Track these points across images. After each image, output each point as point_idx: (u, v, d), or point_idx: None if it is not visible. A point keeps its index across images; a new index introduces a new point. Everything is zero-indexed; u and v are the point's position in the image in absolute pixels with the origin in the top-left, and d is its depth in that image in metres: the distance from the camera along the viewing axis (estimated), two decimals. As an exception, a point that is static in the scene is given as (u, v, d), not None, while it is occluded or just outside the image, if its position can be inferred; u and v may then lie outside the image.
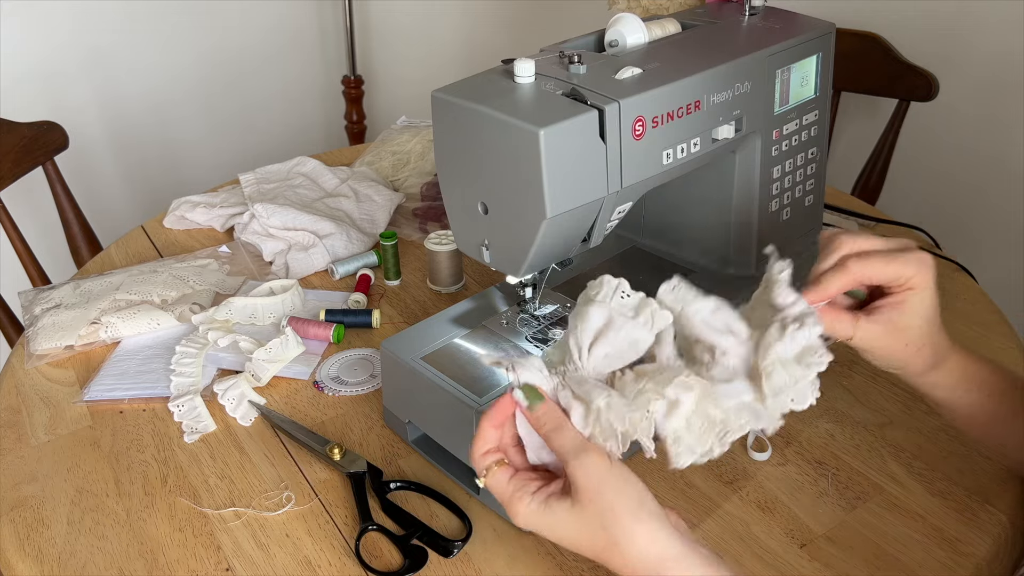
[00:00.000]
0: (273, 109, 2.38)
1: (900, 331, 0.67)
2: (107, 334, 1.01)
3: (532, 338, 0.84)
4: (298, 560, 0.74)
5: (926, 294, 0.67)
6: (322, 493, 0.81)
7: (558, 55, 0.76)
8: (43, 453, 0.87)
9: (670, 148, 0.76)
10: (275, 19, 2.29)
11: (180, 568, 0.74)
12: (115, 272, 1.13)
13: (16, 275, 1.50)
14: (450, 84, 0.74)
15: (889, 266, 0.65)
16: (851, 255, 0.66)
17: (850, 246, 0.67)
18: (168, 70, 2.16)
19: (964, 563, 0.72)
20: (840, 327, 0.67)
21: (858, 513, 0.77)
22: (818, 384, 0.61)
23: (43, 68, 1.98)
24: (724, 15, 0.91)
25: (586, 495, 0.59)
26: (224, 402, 0.92)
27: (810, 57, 0.88)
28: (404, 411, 0.85)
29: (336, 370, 0.98)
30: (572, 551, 0.63)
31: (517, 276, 0.77)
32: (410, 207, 1.29)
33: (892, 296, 0.67)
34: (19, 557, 0.76)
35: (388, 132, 1.50)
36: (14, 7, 1.89)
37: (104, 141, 2.12)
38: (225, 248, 1.21)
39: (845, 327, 0.67)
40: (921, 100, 1.48)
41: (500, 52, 1.03)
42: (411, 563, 0.73)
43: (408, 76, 2.51)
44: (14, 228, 1.40)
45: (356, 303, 1.08)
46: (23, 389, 0.97)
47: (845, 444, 0.85)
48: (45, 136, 1.44)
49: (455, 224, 0.79)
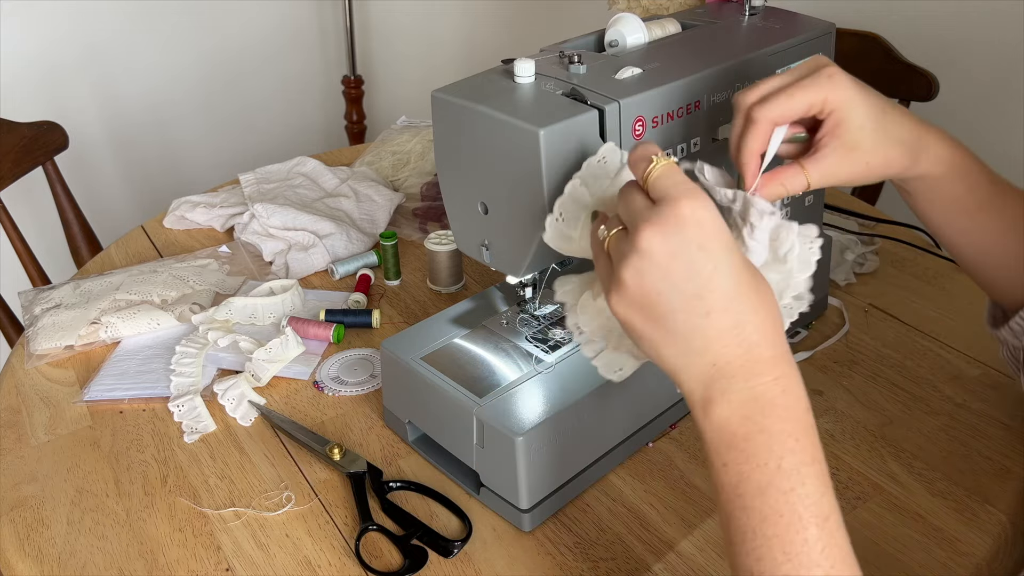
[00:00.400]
0: (273, 109, 2.38)
1: (851, 152, 0.62)
2: (107, 334, 1.02)
3: (532, 338, 0.84)
4: (298, 560, 0.74)
5: (852, 104, 0.61)
6: (322, 493, 0.81)
7: (558, 55, 0.76)
8: (43, 453, 0.87)
9: (670, 148, 0.76)
10: (275, 19, 2.29)
11: (180, 568, 0.74)
12: (115, 272, 1.13)
13: (16, 275, 1.50)
14: (450, 84, 0.74)
15: (793, 100, 0.60)
16: (753, 104, 0.61)
17: (748, 97, 0.62)
18: (168, 70, 2.16)
19: (964, 563, 0.72)
20: (790, 182, 0.62)
21: (858, 513, 0.77)
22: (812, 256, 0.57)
23: (43, 69, 1.98)
24: (724, 15, 0.91)
25: (706, 228, 0.51)
26: (224, 402, 0.92)
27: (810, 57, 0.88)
28: (404, 411, 0.85)
29: (336, 370, 0.98)
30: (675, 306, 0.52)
31: (517, 276, 0.77)
32: (410, 207, 1.29)
33: (823, 125, 0.62)
34: (19, 557, 0.76)
35: (388, 132, 1.50)
36: (14, 7, 1.89)
37: (104, 141, 2.12)
38: (225, 248, 1.21)
39: (795, 180, 0.62)
40: (921, 100, 1.48)
41: (500, 52, 1.03)
42: (411, 563, 0.73)
43: (408, 76, 2.51)
44: (14, 228, 1.40)
45: (356, 303, 1.08)
46: (23, 389, 0.97)
47: (845, 444, 0.85)
48: (45, 136, 1.44)
49: (455, 224, 0.79)
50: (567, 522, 0.77)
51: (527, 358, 0.82)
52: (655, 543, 0.75)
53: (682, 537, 0.75)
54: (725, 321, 0.52)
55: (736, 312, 0.52)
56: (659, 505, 0.79)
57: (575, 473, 0.79)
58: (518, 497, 0.75)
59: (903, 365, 0.95)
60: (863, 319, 1.03)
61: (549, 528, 0.77)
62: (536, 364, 0.81)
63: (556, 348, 0.83)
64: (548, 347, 0.83)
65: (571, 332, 0.66)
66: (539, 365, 0.81)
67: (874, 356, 0.97)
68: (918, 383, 0.93)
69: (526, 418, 0.74)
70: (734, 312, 0.52)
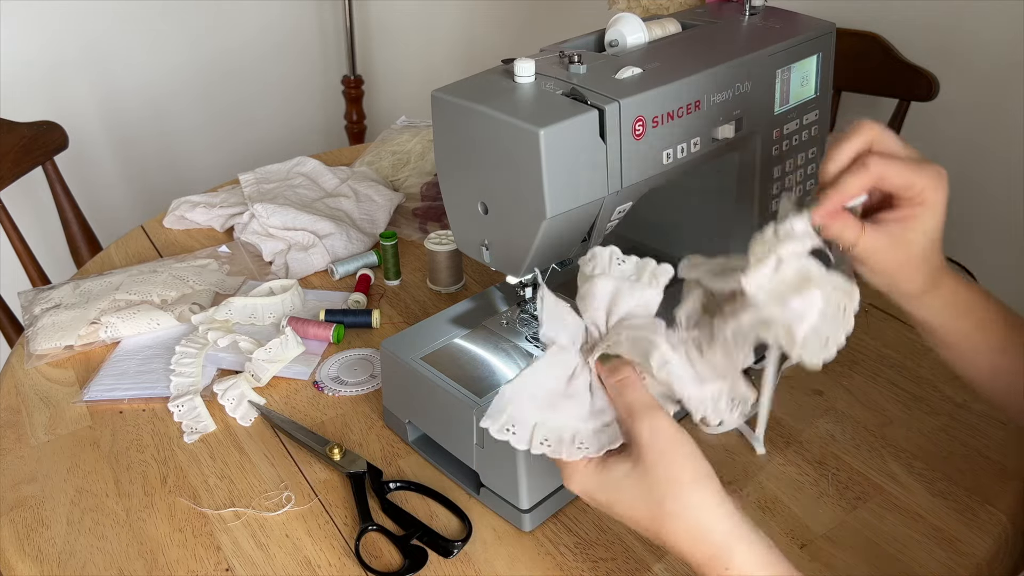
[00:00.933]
0: (273, 109, 2.37)
1: (904, 245, 0.63)
2: (107, 334, 1.01)
3: (532, 338, 0.84)
4: (298, 560, 0.74)
5: (937, 210, 0.62)
6: (322, 493, 0.81)
7: (558, 55, 0.76)
8: (43, 453, 0.87)
9: (670, 148, 0.76)
10: (275, 19, 2.29)
11: (180, 568, 0.74)
12: (115, 272, 1.13)
13: (16, 275, 1.50)
14: (450, 84, 0.74)
15: (908, 171, 0.61)
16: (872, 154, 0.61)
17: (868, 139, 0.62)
18: (169, 70, 2.16)
19: (964, 563, 0.72)
20: (847, 232, 0.62)
21: (858, 513, 0.77)
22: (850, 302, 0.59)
23: (42, 69, 1.98)
24: (724, 15, 0.91)
25: (650, 456, 0.57)
26: (224, 402, 0.92)
27: (810, 57, 0.88)
28: (404, 411, 0.85)
29: (336, 370, 0.98)
30: (623, 521, 0.61)
31: (517, 276, 0.77)
32: (410, 207, 1.29)
33: (901, 208, 0.63)
34: (19, 557, 0.76)
35: (388, 132, 1.50)
36: (13, 7, 1.89)
37: (104, 141, 2.12)
38: (225, 248, 1.21)
39: (851, 232, 0.62)
40: (921, 100, 1.48)
41: (500, 52, 1.03)
42: (411, 563, 0.73)
43: (408, 76, 2.51)
44: (14, 228, 1.40)
45: (356, 303, 1.08)
46: (23, 389, 0.96)
47: (845, 444, 0.85)
48: (45, 136, 1.44)
49: (455, 224, 0.79)
50: (567, 522, 0.77)
51: (527, 358, 0.82)
52: (655, 543, 0.75)
53: (682, 537, 0.75)
54: (667, 540, 0.58)
55: (665, 534, 0.58)
56: (659, 505, 0.79)
57: (575, 473, 0.78)
58: (518, 497, 0.75)
59: (903, 365, 0.95)
60: (863, 319, 1.02)
61: (549, 528, 0.77)
62: None
63: (556, 348, 0.83)
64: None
65: None
66: None
67: (874, 356, 0.97)
68: (918, 383, 0.92)
69: (526, 418, 0.74)
70: (664, 534, 0.58)
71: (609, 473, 0.59)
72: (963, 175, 1.62)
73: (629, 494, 0.58)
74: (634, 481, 0.58)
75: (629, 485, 0.58)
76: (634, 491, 0.58)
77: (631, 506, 0.58)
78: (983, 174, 1.58)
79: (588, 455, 0.61)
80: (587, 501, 0.61)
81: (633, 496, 0.58)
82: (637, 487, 0.58)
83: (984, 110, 1.55)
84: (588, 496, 0.60)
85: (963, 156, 1.60)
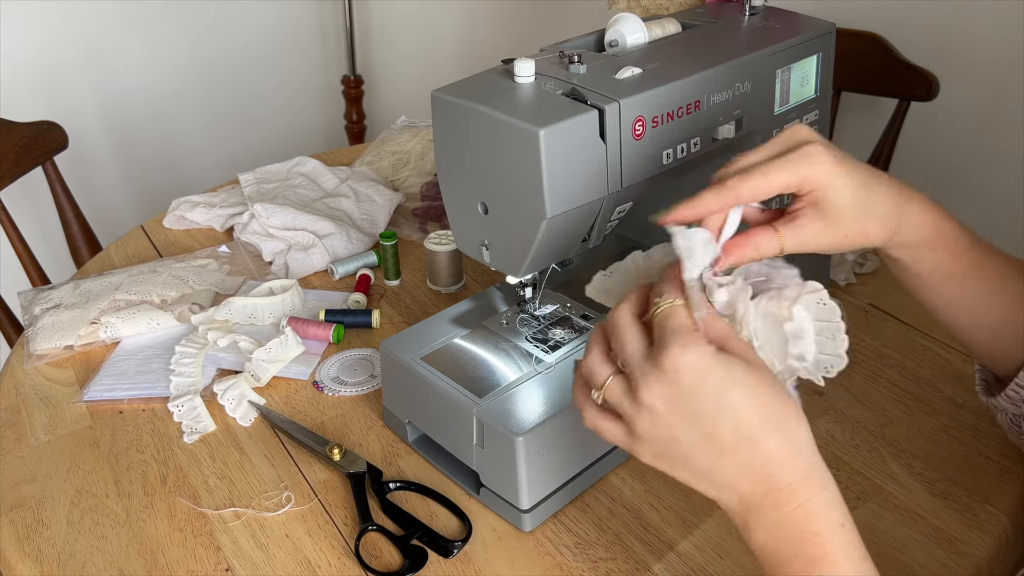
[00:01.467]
0: (273, 109, 2.38)
1: (830, 226, 0.61)
2: (107, 334, 1.01)
3: (532, 338, 0.84)
4: (298, 560, 0.74)
5: (834, 187, 0.60)
6: (322, 493, 0.81)
7: (558, 55, 0.76)
8: (43, 453, 0.87)
9: (670, 148, 0.76)
10: (275, 18, 2.29)
11: (180, 568, 0.74)
12: (115, 272, 1.13)
13: (16, 275, 1.50)
14: (450, 84, 0.74)
15: (768, 179, 0.58)
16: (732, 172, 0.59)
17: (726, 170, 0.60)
18: (168, 70, 2.16)
19: (964, 563, 0.72)
20: (764, 246, 0.60)
21: (858, 513, 0.77)
22: (797, 316, 0.57)
23: (42, 69, 1.98)
24: (724, 15, 0.91)
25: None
26: (224, 402, 0.92)
27: (810, 57, 0.88)
28: (404, 411, 0.85)
29: (336, 370, 0.98)
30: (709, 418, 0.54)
31: (517, 276, 0.77)
32: (410, 207, 1.29)
33: (803, 197, 0.61)
34: (19, 557, 0.76)
35: (388, 132, 1.50)
36: (13, 7, 1.89)
37: (104, 141, 2.12)
38: (225, 248, 1.21)
39: (769, 244, 0.60)
40: (921, 100, 1.48)
41: (500, 52, 1.03)
42: (411, 563, 0.73)
43: (408, 76, 2.51)
44: (14, 228, 1.40)
45: (356, 303, 1.08)
46: (23, 389, 0.96)
47: (845, 444, 0.85)
48: (45, 136, 1.44)
49: (455, 224, 0.79)
50: (567, 522, 0.77)
51: (527, 358, 0.82)
52: (655, 543, 0.75)
53: (682, 537, 0.75)
54: (739, 458, 0.54)
55: (746, 448, 0.53)
56: (659, 505, 0.79)
57: (575, 473, 0.78)
58: (518, 497, 0.75)
59: (903, 365, 0.95)
60: (863, 319, 1.03)
61: (549, 528, 0.77)
62: (536, 364, 0.81)
63: (556, 348, 0.83)
64: (548, 347, 0.83)
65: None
66: (539, 365, 0.81)
67: (874, 356, 0.97)
68: (918, 383, 0.93)
69: (526, 418, 0.74)
70: (744, 448, 0.53)
71: (729, 357, 0.54)
72: (963, 175, 1.62)
73: (748, 388, 0.53)
74: (758, 379, 0.54)
75: (752, 380, 0.54)
76: (755, 388, 0.53)
77: (744, 396, 0.53)
78: (983, 174, 1.58)
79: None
80: (685, 376, 0.53)
81: (753, 390, 0.53)
82: (761, 384, 0.54)
83: (984, 110, 1.55)
84: (695, 371, 0.53)
85: (963, 156, 1.60)
